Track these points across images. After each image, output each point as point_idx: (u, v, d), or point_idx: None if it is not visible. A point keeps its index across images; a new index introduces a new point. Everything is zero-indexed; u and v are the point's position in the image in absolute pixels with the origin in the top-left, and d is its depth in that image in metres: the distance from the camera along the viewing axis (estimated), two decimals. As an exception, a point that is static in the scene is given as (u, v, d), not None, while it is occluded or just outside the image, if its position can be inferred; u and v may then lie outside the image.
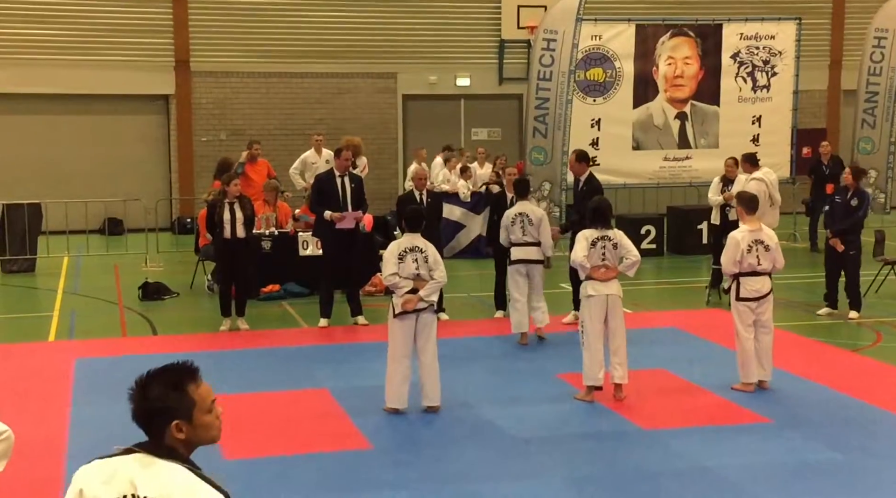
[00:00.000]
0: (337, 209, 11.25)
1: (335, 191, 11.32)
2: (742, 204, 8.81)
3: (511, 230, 10.60)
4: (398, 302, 8.00)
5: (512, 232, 10.60)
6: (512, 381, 9.11)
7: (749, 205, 8.77)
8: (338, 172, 11.44)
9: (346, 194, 11.31)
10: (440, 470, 6.85)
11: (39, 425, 7.72)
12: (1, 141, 19.70)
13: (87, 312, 12.47)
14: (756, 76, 17.77)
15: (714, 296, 12.67)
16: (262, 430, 7.71)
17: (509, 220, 10.63)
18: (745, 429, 7.73)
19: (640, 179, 17.80)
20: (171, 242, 18.35)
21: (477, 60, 21.83)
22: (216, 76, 20.73)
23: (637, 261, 8.43)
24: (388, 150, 21.55)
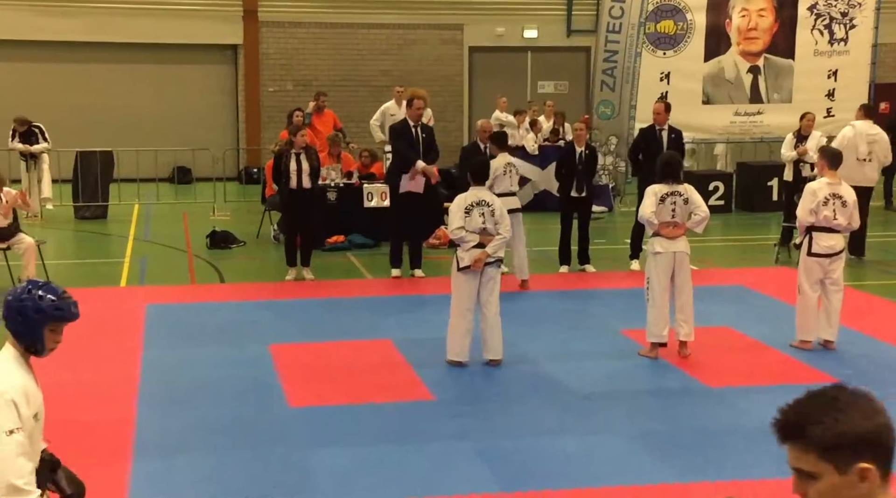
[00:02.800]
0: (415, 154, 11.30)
1: (413, 140, 11.36)
2: (825, 158, 8.58)
3: (500, 180, 10.61)
4: (463, 256, 7.98)
5: (500, 183, 10.60)
6: (575, 336, 9.07)
7: (833, 159, 8.53)
8: (411, 122, 11.45)
9: (420, 144, 11.36)
10: (502, 423, 6.87)
11: (112, 368, 7.91)
12: (74, 89, 20.03)
13: (156, 259, 12.70)
14: (833, 29, 17.26)
15: (783, 254, 12.44)
16: (326, 379, 7.80)
17: (501, 171, 10.66)
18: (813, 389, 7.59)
19: (710, 135, 17.49)
20: (238, 192, 18.55)
21: (545, 12, 21.54)
22: (283, 26, 20.77)
23: (706, 217, 8.30)
24: (454, 102, 21.45)
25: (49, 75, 20.03)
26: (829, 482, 2.10)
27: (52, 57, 20.00)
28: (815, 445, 2.10)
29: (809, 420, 2.11)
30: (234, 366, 8.12)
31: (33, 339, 3.73)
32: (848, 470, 2.08)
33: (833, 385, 2.18)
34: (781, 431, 2.15)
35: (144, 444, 6.41)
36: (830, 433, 2.08)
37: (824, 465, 2.10)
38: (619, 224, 15.30)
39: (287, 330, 9.25)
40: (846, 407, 2.10)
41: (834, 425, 2.08)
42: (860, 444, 2.07)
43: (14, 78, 19.82)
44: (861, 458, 2.07)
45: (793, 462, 2.14)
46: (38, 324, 3.70)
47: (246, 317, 9.66)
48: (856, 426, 2.07)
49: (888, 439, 2.11)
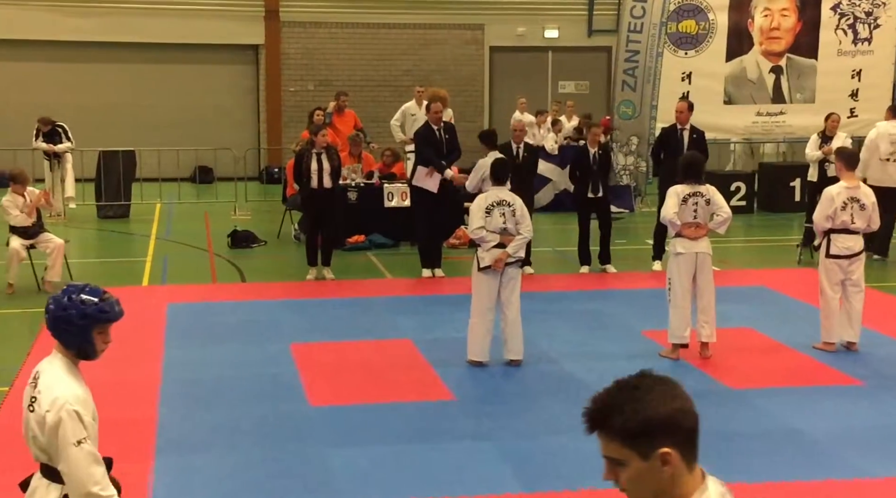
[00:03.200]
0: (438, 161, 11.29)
1: (437, 143, 11.39)
2: (842, 159, 8.53)
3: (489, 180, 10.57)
4: (484, 255, 7.98)
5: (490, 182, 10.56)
6: (596, 336, 9.05)
7: (849, 160, 8.49)
8: (434, 125, 11.47)
9: (443, 145, 11.39)
10: (522, 423, 6.86)
11: (133, 367, 7.95)
12: (97, 89, 20.17)
13: (178, 258, 12.76)
14: (857, 28, 17.14)
15: (806, 254, 12.36)
16: (347, 378, 7.81)
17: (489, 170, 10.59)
18: (836, 391, 7.56)
19: (732, 135, 17.40)
20: (259, 191, 18.62)
21: (566, 12, 21.51)
22: (305, 26, 20.83)
23: (728, 218, 8.26)
24: (474, 102, 21.44)
25: (72, 75, 20.17)
26: (634, 468, 2.15)
27: (75, 57, 20.14)
28: (618, 433, 2.14)
29: (612, 410, 2.15)
30: (255, 365, 8.15)
31: (84, 344, 3.72)
32: (650, 456, 2.12)
33: (637, 373, 2.22)
34: (588, 422, 2.19)
35: (166, 442, 6.44)
36: (631, 421, 2.12)
37: (629, 452, 2.14)
38: (640, 224, 15.25)
39: (308, 329, 9.28)
40: (645, 394, 2.14)
41: (634, 413, 2.12)
42: (659, 429, 2.11)
43: (38, 78, 19.97)
44: (661, 443, 2.12)
45: (602, 451, 2.19)
46: (86, 329, 3.68)
47: (267, 316, 9.69)
48: (654, 413, 2.11)
49: (687, 423, 2.15)
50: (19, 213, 10.71)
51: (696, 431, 2.18)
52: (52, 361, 3.73)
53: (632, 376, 2.20)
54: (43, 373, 3.70)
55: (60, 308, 3.67)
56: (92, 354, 3.75)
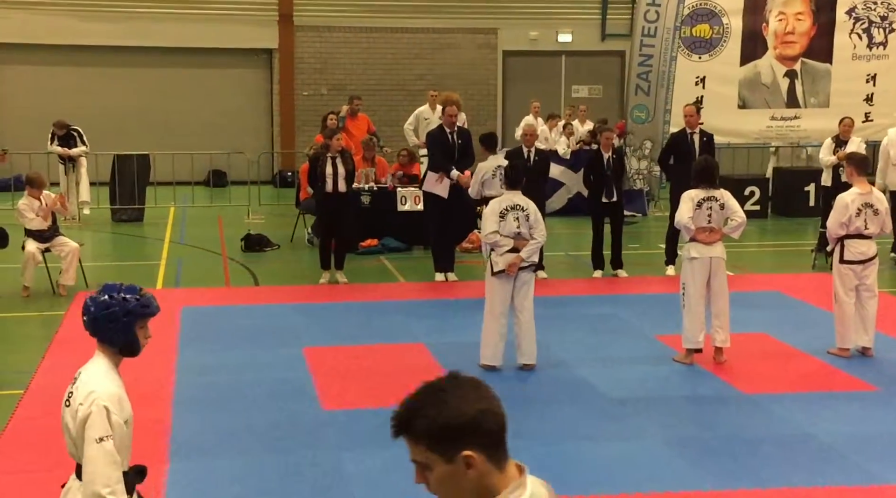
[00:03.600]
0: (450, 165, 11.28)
1: (449, 147, 11.37)
2: (853, 164, 8.50)
3: (490, 183, 10.53)
4: (497, 260, 7.97)
5: (490, 186, 10.52)
6: (609, 341, 9.02)
7: (860, 165, 8.46)
8: (447, 128, 11.46)
9: (455, 149, 11.37)
10: (535, 428, 6.84)
11: (147, 370, 7.95)
12: (111, 93, 20.25)
13: (192, 262, 12.79)
14: (872, 33, 17.08)
15: (821, 259, 12.31)
16: (359, 382, 7.82)
17: (490, 174, 10.56)
18: (850, 396, 7.52)
19: (746, 139, 17.35)
20: (273, 195, 18.66)
21: (579, 16, 21.49)
22: (318, 31, 20.87)
23: (743, 222, 8.23)
24: (487, 107, 21.44)
25: (87, 79, 20.26)
26: (440, 471, 2.15)
27: (89, 61, 20.23)
28: (422, 437, 2.14)
29: (416, 413, 2.15)
30: (268, 368, 8.16)
31: (128, 341, 3.78)
32: (454, 458, 2.12)
33: (446, 375, 2.21)
34: (393, 427, 2.19)
35: (179, 445, 6.46)
36: (434, 425, 2.12)
37: (433, 455, 2.14)
38: (653, 229, 15.22)
39: (321, 333, 9.28)
40: (448, 397, 2.14)
41: (436, 417, 2.11)
42: (461, 432, 2.11)
43: (53, 82, 20.07)
44: (464, 446, 2.11)
45: (411, 455, 2.18)
46: (130, 325, 3.76)
47: (280, 320, 9.71)
48: (456, 416, 2.11)
49: (490, 424, 2.15)
50: (35, 216, 10.76)
51: (501, 432, 2.17)
52: (94, 361, 3.81)
53: (440, 379, 2.20)
54: (84, 371, 3.78)
55: (103, 307, 3.73)
56: (136, 349, 3.83)
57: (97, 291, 3.81)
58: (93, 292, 3.85)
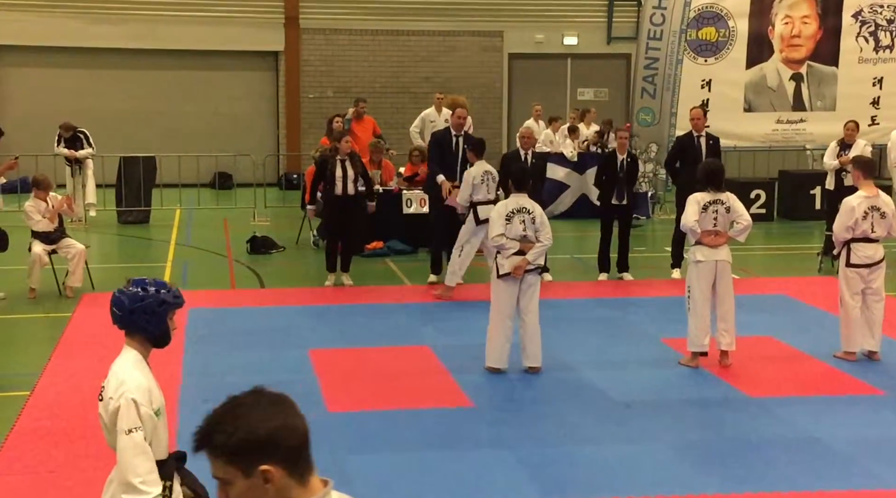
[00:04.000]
0: (453, 169, 11.25)
1: (451, 149, 11.33)
2: (859, 167, 8.49)
3: (478, 189, 10.47)
4: (503, 263, 7.97)
5: (478, 191, 10.47)
6: (615, 344, 9.02)
7: (866, 168, 8.44)
8: (454, 131, 11.43)
9: (460, 154, 11.31)
10: (541, 430, 6.85)
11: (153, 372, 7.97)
12: (118, 95, 20.29)
13: (197, 264, 12.81)
14: (879, 36, 17.06)
15: (827, 263, 12.28)
16: (365, 384, 7.82)
17: (479, 179, 10.48)
18: (857, 400, 7.51)
19: (752, 142, 17.35)
20: (278, 197, 18.68)
21: (585, 19, 21.49)
22: (325, 33, 20.90)
23: (748, 226, 8.22)
24: (493, 109, 21.45)
25: (93, 81, 20.30)
26: (239, 486, 2.15)
27: (96, 63, 20.28)
28: (221, 451, 2.14)
29: (215, 428, 2.15)
30: (274, 370, 8.17)
31: (162, 331, 3.91)
32: (252, 473, 2.13)
33: (251, 389, 2.22)
34: (194, 442, 2.18)
35: (185, 446, 6.44)
36: (232, 439, 2.12)
37: (233, 470, 2.14)
38: (658, 232, 15.21)
39: (326, 335, 9.29)
40: (247, 412, 2.15)
41: (234, 432, 2.12)
42: (258, 447, 2.12)
43: (60, 84, 20.11)
44: (262, 460, 2.12)
45: (211, 471, 2.18)
46: (163, 316, 3.87)
47: (285, 322, 9.71)
48: (253, 431, 2.12)
49: (290, 441, 2.16)
50: (41, 218, 10.79)
51: (301, 447, 2.18)
52: (123, 354, 3.91)
53: (243, 393, 2.21)
54: (115, 365, 3.89)
55: (137, 299, 3.83)
56: (168, 339, 3.94)
57: (126, 286, 3.90)
58: (123, 287, 3.92)
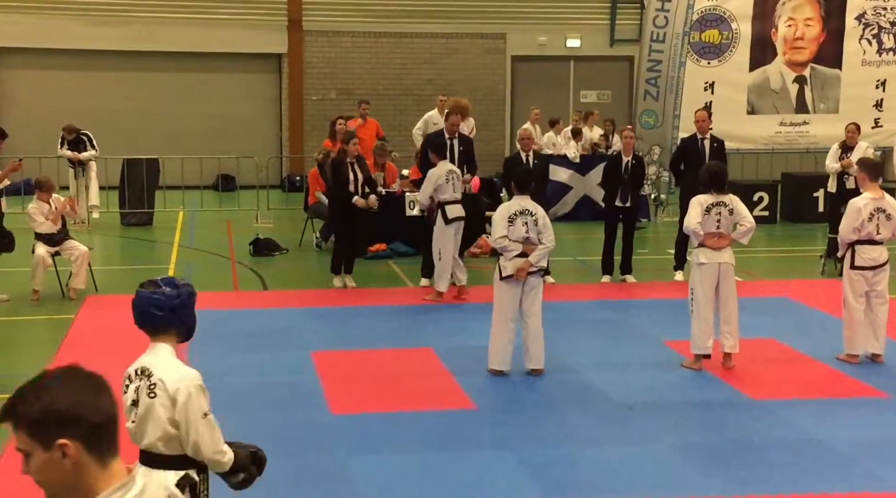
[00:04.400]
0: None
1: (444, 150, 11.29)
2: (865, 169, 8.48)
3: (443, 189, 10.48)
4: (506, 265, 7.97)
5: (444, 191, 10.48)
6: (617, 346, 9.02)
7: (872, 170, 8.44)
8: (447, 134, 11.41)
9: (455, 156, 11.30)
10: (543, 432, 6.85)
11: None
12: (121, 98, 20.32)
13: (200, 266, 12.81)
14: (882, 38, 17.05)
15: (830, 265, 12.27)
16: (368, 386, 7.82)
17: (443, 179, 10.51)
18: (860, 402, 7.50)
19: (755, 145, 17.34)
20: (281, 200, 18.69)
21: (588, 21, 21.50)
22: (328, 36, 20.92)
23: (752, 228, 8.22)
24: (496, 111, 21.46)
25: (97, 84, 20.33)
26: (38, 459, 2.19)
27: (100, 65, 20.31)
28: (22, 422, 2.18)
29: (19, 400, 2.19)
30: (276, 372, 8.17)
31: (194, 323, 4.11)
32: (51, 446, 2.17)
33: (63, 366, 2.26)
34: (0, 413, 2.22)
35: (188, 448, 6.46)
36: (32, 410, 2.16)
37: (32, 442, 2.18)
38: (661, 234, 15.21)
39: (329, 337, 9.30)
40: (53, 386, 2.19)
41: (35, 403, 2.16)
42: (58, 420, 2.15)
43: (63, 86, 20.14)
44: (61, 434, 2.15)
45: (16, 443, 2.22)
46: (193, 308, 4.08)
47: (288, 324, 9.72)
48: (54, 404, 2.16)
49: (93, 418, 2.18)
50: (44, 220, 10.80)
51: (104, 426, 2.21)
52: (156, 353, 4.01)
53: (56, 368, 2.25)
54: (154, 364, 3.97)
55: (174, 297, 3.99)
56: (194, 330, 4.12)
57: (151, 289, 4.00)
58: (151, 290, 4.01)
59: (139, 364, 3.99)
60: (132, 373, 3.98)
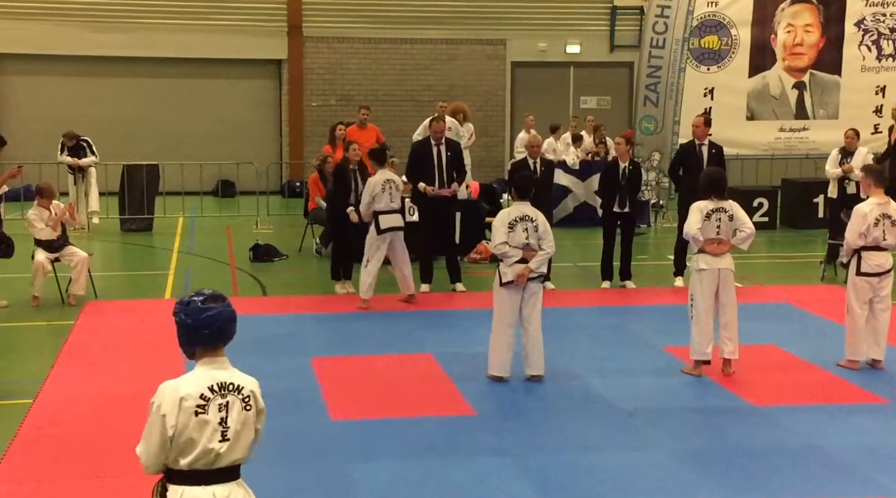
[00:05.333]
0: (431, 177, 11.23)
1: (430, 159, 11.29)
2: (871, 175, 8.48)
3: (379, 198, 10.38)
4: (506, 271, 7.96)
5: (380, 200, 10.39)
6: (617, 352, 9.01)
7: (878, 176, 8.44)
8: (433, 141, 11.38)
9: (442, 162, 11.27)
10: (543, 438, 6.84)
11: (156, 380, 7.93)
12: (121, 103, 20.34)
13: (200, 272, 12.81)
14: (882, 44, 17.09)
15: (830, 271, 12.28)
16: (368, 392, 7.81)
17: (379, 188, 10.40)
18: (861, 409, 7.50)
19: (754, 150, 17.36)
20: (281, 205, 18.70)
21: (588, 27, 21.53)
22: (328, 41, 20.95)
23: (752, 234, 8.22)
24: (496, 117, 21.47)
25: (97, 90, 20.35)
26: None
27: (100, 71, 20.33)
28: None
29: None
30: (276, 378, 8.14)
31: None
32: None
33: None
34: None
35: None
36: None
37: None
38: (661, 240, 15.21)
39: (329, 343, 9.29)
40: None
41: None
42: None
43: (63, 92, 20.16)
44: None
45: None
46: None
47: (288, 329, 9.71)
48: None
49: None
50: (44, 226, 10.80)
51: None
52: (226, 365, 3.89)
53: None
54: (234, 376, 3.86)
55: (227, 310, 3.85)
56: None
57: (223, 304, 3.85)
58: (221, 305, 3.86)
59: (217, 379, 3.79)
60: (209, 391, 3.76)
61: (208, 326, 3.79)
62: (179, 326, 3.86)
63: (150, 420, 3.73)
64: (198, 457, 3.69)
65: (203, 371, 3.80)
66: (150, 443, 3.71)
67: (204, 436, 3.69)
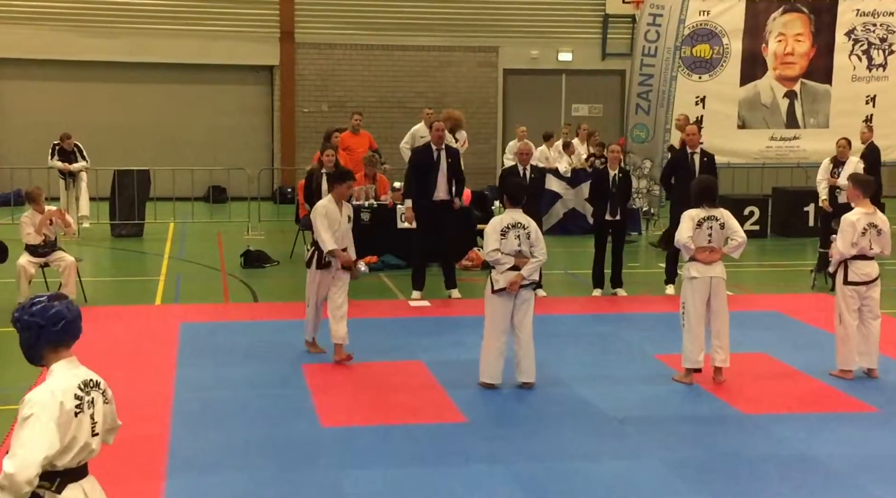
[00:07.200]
0: (433, 183, 11.22)
1: (432, 164, 11.28)
2: (858, 186, 8.51)
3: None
4: (498, 278, 7.96)
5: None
6: (608, 360, 9.01)
7: (865, 187, 8.47)
8: (434, 146, 11.39)
9: (443, 168, 11.27)
10: (535, 446, 6.83)
11: (146, 385, 7.95)
12: (112, 109, 20.31)
13: (191, 278, 12.78)
14: (872, 54, 17.17)
15: (820, 280, 12.31)
16: (359, 399, 7.79)
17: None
18: (851, 417, 7.50)
19: (745, 159, 17.41)
20: (273, 211, 18.66)
21: (580, 35, 21.58)
22: (320, 48, 20.95)
23: (743, 242, 8.23)
24: (488, 124, 21.50)
25: (88, 95, 20.31)
26: None
27: (91, 76, 20.29)
28: None
29: None
30: (267, 385, 8.14)
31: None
32: None
33: None
34: None
35: (178, 462, 6.43)
36: None
37: None
38: (652, 248, 15.22)
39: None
40: None
41: None
42: None
43: (54, 97, 20.12)
44: None
45: None
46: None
47: (279, 336, 9.69)
48: None
49: None
50: (32, 231, 10.77)
51: None
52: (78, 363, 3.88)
53: None
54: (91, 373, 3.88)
55: (72, 307, 3.86)
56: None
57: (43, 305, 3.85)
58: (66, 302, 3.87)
59: (80, 377, 3.80)
60: (79, 390, 3.77)
61: (57, 323, 3.80)
62: (25, 330, 3.84)
63: (27, 431, 3.64)
64: (77, 454, 3.76)
65: (66, 371, 3.81)
66: (32, 451, 3.62)
67: (82, 433, 3.77)
